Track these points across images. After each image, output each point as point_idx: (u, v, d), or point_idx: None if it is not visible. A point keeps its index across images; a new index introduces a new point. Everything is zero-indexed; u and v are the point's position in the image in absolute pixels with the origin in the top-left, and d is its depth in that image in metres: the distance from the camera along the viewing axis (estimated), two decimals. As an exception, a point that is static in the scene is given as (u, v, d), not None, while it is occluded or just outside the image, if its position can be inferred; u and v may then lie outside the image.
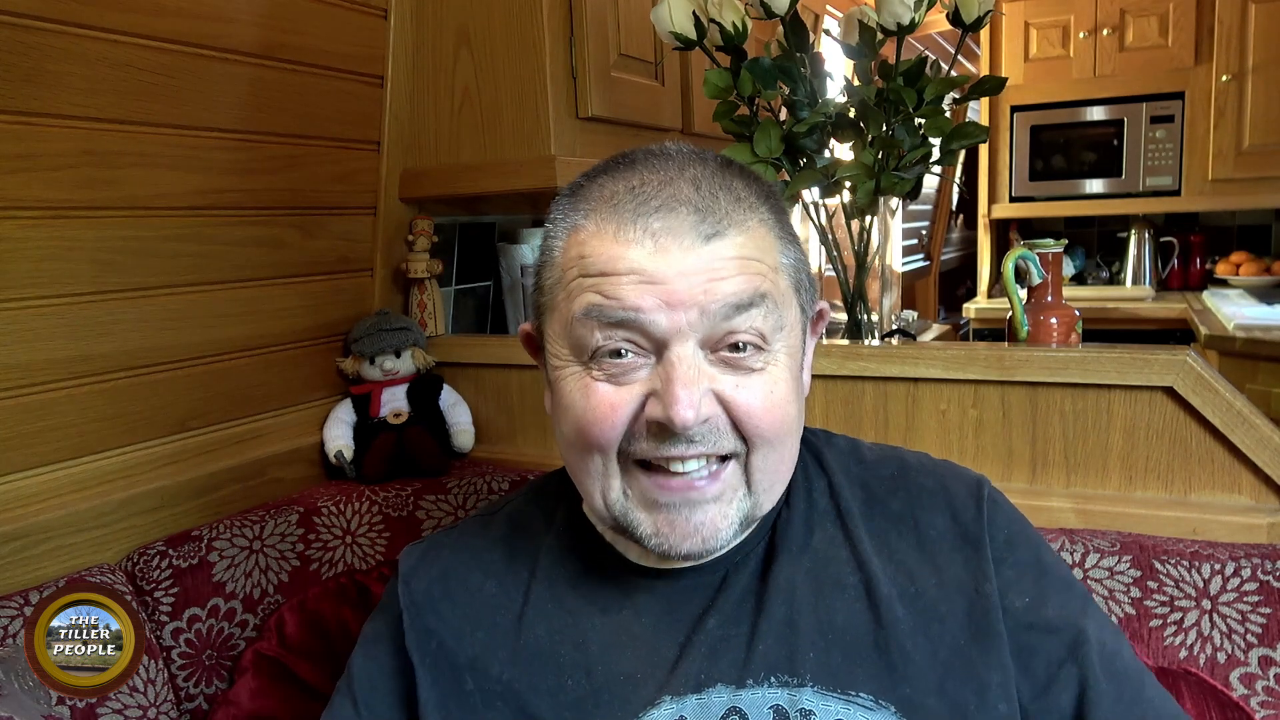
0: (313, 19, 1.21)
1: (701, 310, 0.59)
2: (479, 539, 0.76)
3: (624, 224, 0.60)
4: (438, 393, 1.37)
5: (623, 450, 0.63)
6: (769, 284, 0.62)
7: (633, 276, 0.59)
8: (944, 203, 3.98)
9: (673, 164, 0.63)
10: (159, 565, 1.02)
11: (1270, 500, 0.99)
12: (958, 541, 0.68)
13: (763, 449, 0.63)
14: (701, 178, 0.62)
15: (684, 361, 0.59)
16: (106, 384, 1.07)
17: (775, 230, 0.65)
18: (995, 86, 1.25)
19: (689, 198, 0.61)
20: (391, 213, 1.41)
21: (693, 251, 0.59)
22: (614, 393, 0.61)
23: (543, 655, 0.68)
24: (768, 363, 0.63)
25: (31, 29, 0.91)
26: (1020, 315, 1.24)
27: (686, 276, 0.59)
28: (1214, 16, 2.83)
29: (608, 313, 0.60)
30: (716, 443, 0.62)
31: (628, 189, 0.62)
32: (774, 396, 0.62)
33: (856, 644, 0.65)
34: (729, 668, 0.65)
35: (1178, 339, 2.79)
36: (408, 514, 1.23)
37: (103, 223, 1.03)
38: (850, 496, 0.71)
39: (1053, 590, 0.68)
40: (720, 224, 0.60)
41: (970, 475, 0.73)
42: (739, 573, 0.68)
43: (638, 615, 0.68)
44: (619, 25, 1.43)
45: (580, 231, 0.63)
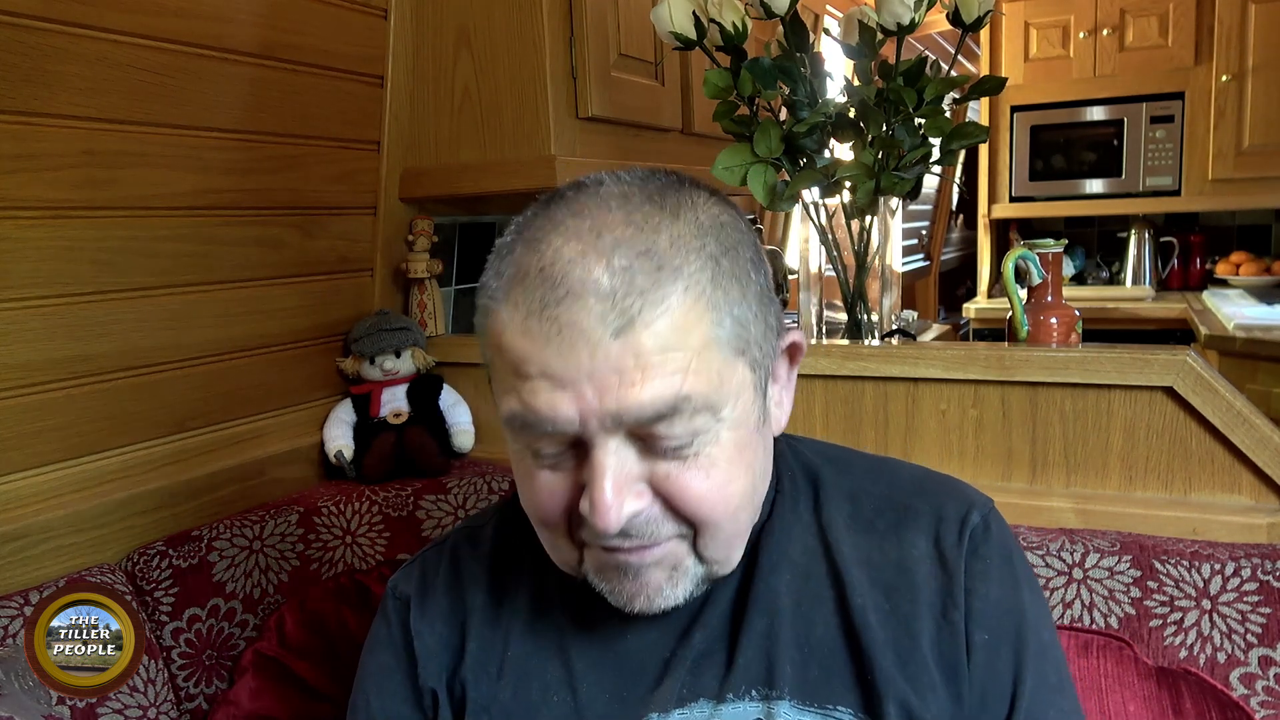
0: (313, 19, 1.21)
1: (616, 415, 0.55)
2: (469, 554, 0.75)
3: (531, 314, 0.56)
4: (438, 393, 1.37)
5: (571, 530, 0.62)
6: (693, 379, 0.56)
7: (542, 382, 0.55)
8: (944, 203, 3.98)
9: (590, 226, 0.57)
10: (159, 565, 1.02)
11: (1270, 500, 0.99)
12: (934, 565, 0.67)
13: (709, 530, 0.60)
14: (618, 244, 0.55)
15: (605, 464, 0.56)
16: (106, 384, 1.07)
17: (708, 294, 0.57)
18: (995, 86, 1.25)
19: (597, 281, 0.54)
20: (391, 213, 1.41)
21: (600, 348, 0.54)
22: (552, 480, 0.60)
23: (529, 672, 0.68)
24: (704, 444, 0.58)
25: (32, 29, 0.91)
26: (1020, 315, 1.24)
27: (596, 379, 0.54)
28: (1214, 16, 2.83)
29: (525, 422, 0.57)
30: (653, 533, 0.59)
31: (538, 267, 0.56)
32: (712, 480, 0.58)
33: (834, 657, 0.64)
34: (710, 682, 0.65)
35: (1178, 339, 2.79)
36: (408, 514, 1.23)
37: (103, 223, 1.03)
38: (835, 510, 0.70)
39: (1011, 643, 0.65)
40: (630, 311, 0.54)
41: (966, 499, 0.70)
42: (722, 587, 0.67)
43: (623, 632, 0.68)
44: (619, 25, 1.43)
45: (496, 318, 0.59)
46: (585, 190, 0.60)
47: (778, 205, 1.23)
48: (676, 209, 0.59)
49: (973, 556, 0.66)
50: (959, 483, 0.72)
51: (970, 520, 0.68)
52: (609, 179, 0.61)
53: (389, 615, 0.74)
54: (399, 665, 0.72)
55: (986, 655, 0.64)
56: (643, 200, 0.59)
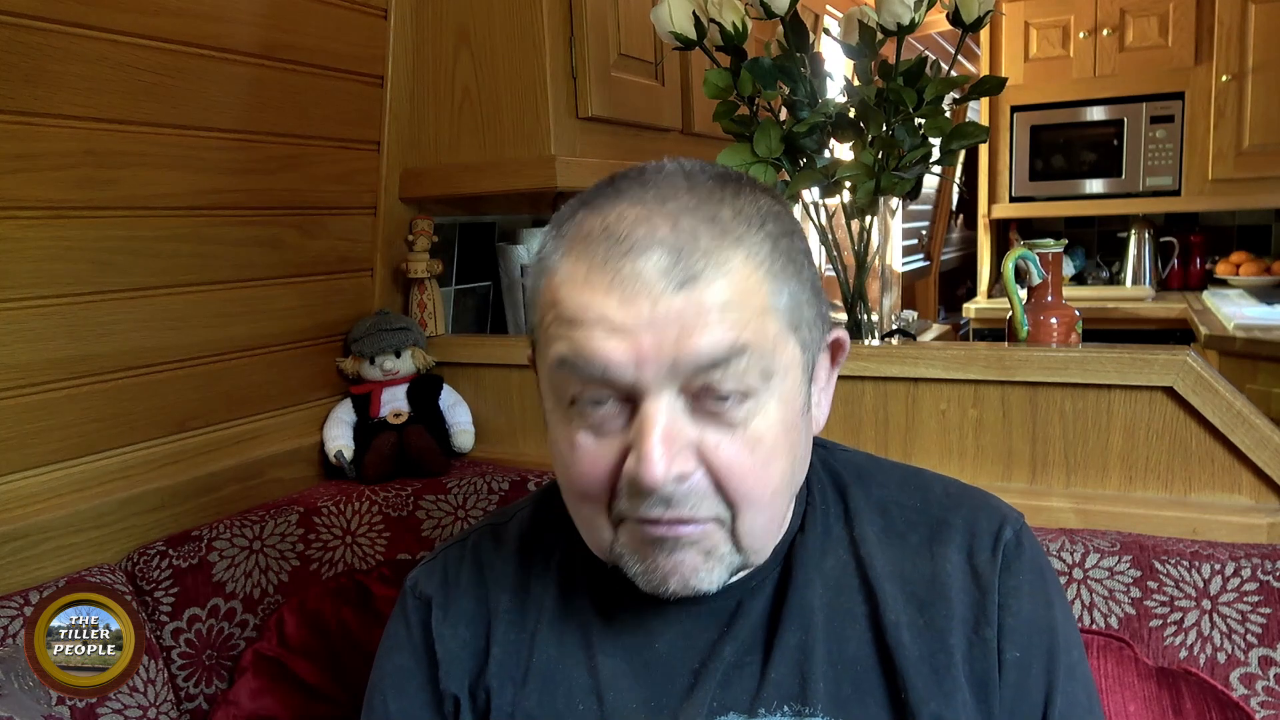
0: (313, 19, 1.21)
1: (674, 364, 0.55)
2: (493, 554, 0.74)
3: (594, 268, 0.57)
4: (438, 393, 1.37)
5: (610, 504, 0.61)
6: (751, 332, 0.57)
7: (602, 328, 0.56)
8: (944, 203, 3.98)
9: (656, 195, 0.59)
10: (159, 565, 1.02)
11: (1270, 500, 0.99)
12: (968, 582, 0.66)
13: (748, 512, 0.60)
14: (684, 210, 0.57)
15: (656, 417, 0.56)
16: (106, 384, 1.07)
17: (767, 264, 0.59)
18: (995, 86, 1.25)
19: (664, 238, 0.56)
20: (391, 213, 1.41)
21: (663, 300, 0.55)
22: (595, 446, 0.59)
23: (554, 677, 0.67)
24: (752, 413, 0.58)
25: (32, 29, 0.91)
26: (1020, 315, 1.24)
27: (657, 328, 0.55)
28: (1214, 16, 2.83)
29: (579, 368, 0.57)
30: (696, 506, 0.58)
31: (602, 226, 0.58)
32: (759, 454, 0.58)
33: (865, 674, 0.64)
34: (742, 695, 0.64)
35: (1178, 339, 2.79)
36: (408, 514, 1.23)
37: (103, 223, 1.03)
38: (867, 523, 0.69)
39: (1043, 662, 0.65)
40: (695, 267, 0.56)
41: (998, 513, 0.69)
42: (754, 598, 0.67)
43: (651, 641, 0.67)
44: (619, 25, 1.43)
45: (555, 275, 0.60)
46: (649, 168, 0.63)
47: (778, 205, 1.23)
48: (738, 190, 0.61)
49: (1006, 572, 0.66)
50: (990, 496, 0.71)
51: (1004, 536, 0.67)
52: (671, 162, 0.63)
53: (408, 615, 0.73)
54: (419, 668, 0.71)
55: (1018, 674, 0.64)
56: (706, 179, 0.61)
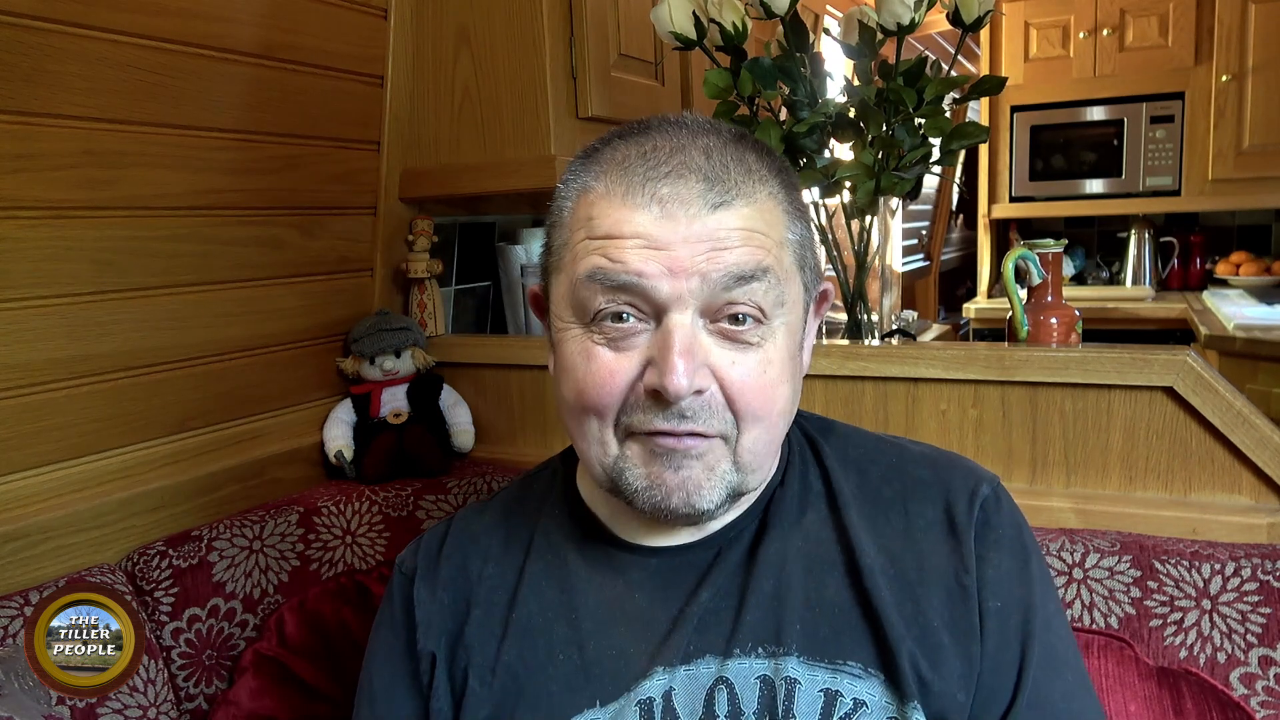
0: (313, 19, 1.21)
1: (703, 278, 0.60)
2: (474, 524, 0.77)
3: (632, 187, 0.61)
4: (438, 393, 1.37)
5: (619, 419, 0.63)
6: (772, 258, 0.62)
7: (637, 241, 0.60)
8: (944, 203, 3.98)
9: (686, 131, 0.64)
10: (159, 565, 1.02)
11: (1270, 500, 0.99)
12: (943, 533, 0.68)
13: (753, 428, 0.63)
14: (714, 147, 0.63)
15: (682, 329, 0.60)
16: (106, 384, 1.07)
17: (784, 205, 0.65)
18: (995, 86, 1.25)
19: (699, 165, 0.61)
20: (391, 213, 1.41)
21: (698, 219, 0.60)
22: (613, 359, 0.62)
23: (534, 631, 0.69)
24: (765, 338, 0.63)
25: (32, 29, 0.91)
26: (1020, 315, 1.24)
27: (690, 244, 0.60)
28: (1214, 16, 2.83)
29: (611, 276, 0.60)
30: (708, 420, 0.62)
31: (639, 153, 0.63)
32: (768, 375, 0.63)
33: (845, 616, 0.66)
34: (716, 639, 0.66)
35: (1178, 339, 2.79)
36: (408, 514, 1.23)
37: (103, 223, 1.03)
38: (843, 480, 0.72)
39: (1021, 613, 0.66)
40: (728, 194, 0.61)
41: (975, 474, 0.72)
42: (732, 548, 0.69)
43: (631, 591, 0.69)
44: (619, 25, 1.43)
45: (590, 193, 0.64)
46: (672, 116, 0.68)
47: (778, 205, 1.23)
48: (757, 145, 0.67)
49: (984, 526, 0.68)
50: (967, 460, 0.74)
51: (980, 492, 0.69)
52: (692, 113, 0.68)
53: (393, 592, 0.76)
54: (397, 640, 0.73)
55: (998, 623, 0.66)
56: (728, 130, 0.67)
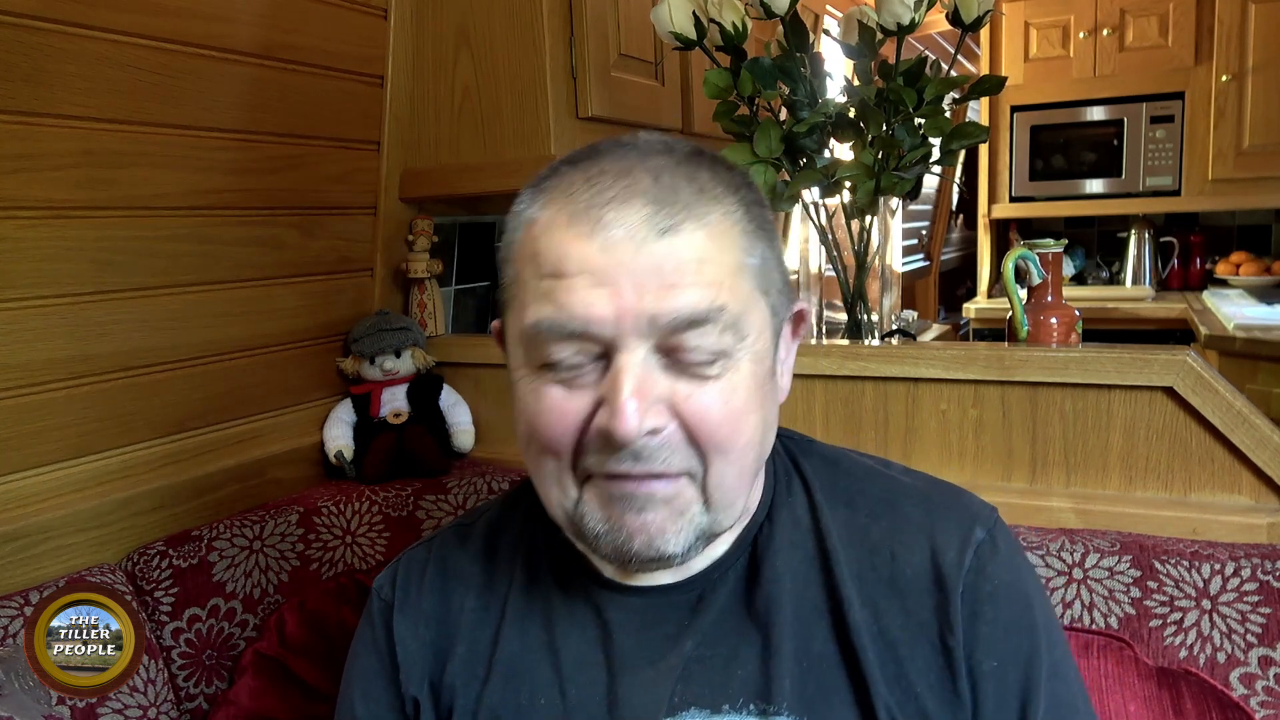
0: (313, 19, 1.21)
1: (652, 320, 0.56)
2: (458, 554, 0.74)
3: (576, 215, 0.57)
4: (438, 393, 1.37)
5: (576, 462, 0.60)
6: (727, 292, 0.57)
7: (583, 278, 0.56)
8: (944, 203, 3.98)
9: (636, 154, 0.60)
10: (159, 565, 1.02)
11: (1270, 500, 0.99)
12: (930, 585, 0.64)
13: (719, 463, 0.59)
14: (664, 168, 0.59)
15: (631, 369, 0.56)
16: (106, 384, 1.07)
17: (741, 224, 0.60)
18: (995, 86, 1.25)
19: (646, 189, 0.57)
20: (391, 213, 1.41)
21: (645, 247, 0.56)
22: (565, 398, 0.59)
23: (518, 673, 0.67)
24: (726, 369, 0.58)
25: (32, 29, 0.91)
26: (1020, 315, 1.24)
27: (637, 280, 0.55)
28: (1214, 16, 2.83)
29: (558, 326, 0.57)
30: (668, 459, 0.58)
31: (585, 180, 0.59)
32: (731, 405, 0.58)
33: (831, 672, 0.63)
34: (705, 691, 0.63)
35: (1178, 339, 2.79)
36: (408, 514, 1.23)
37: (103, 223, 1.03)
38: (830, 517, 0.68)
39: (1022, 666, 0.63)
40: (677, 217, 0.57)
41: (970, 512, 0.67)
42: (717, 591, 0.66)
43: (612, 634, 0.66)
44: (619, 25, 1.43)
45: (535, 225, 0.60)
46: (627, 136, 0.64)
47: (778, 205, 1.23)
48: (713, 161, 0.63)
49: (979, 576, 0.63)
50: (962, 493, 0.70)
51: (973, 538, 0.65)
52: (647, 133, 0.65)
53: (373, 618, 0.73)
54: (383, 670, 0.71)
55: (995, 684, 0.62)
56: (683, 148, 0.63)
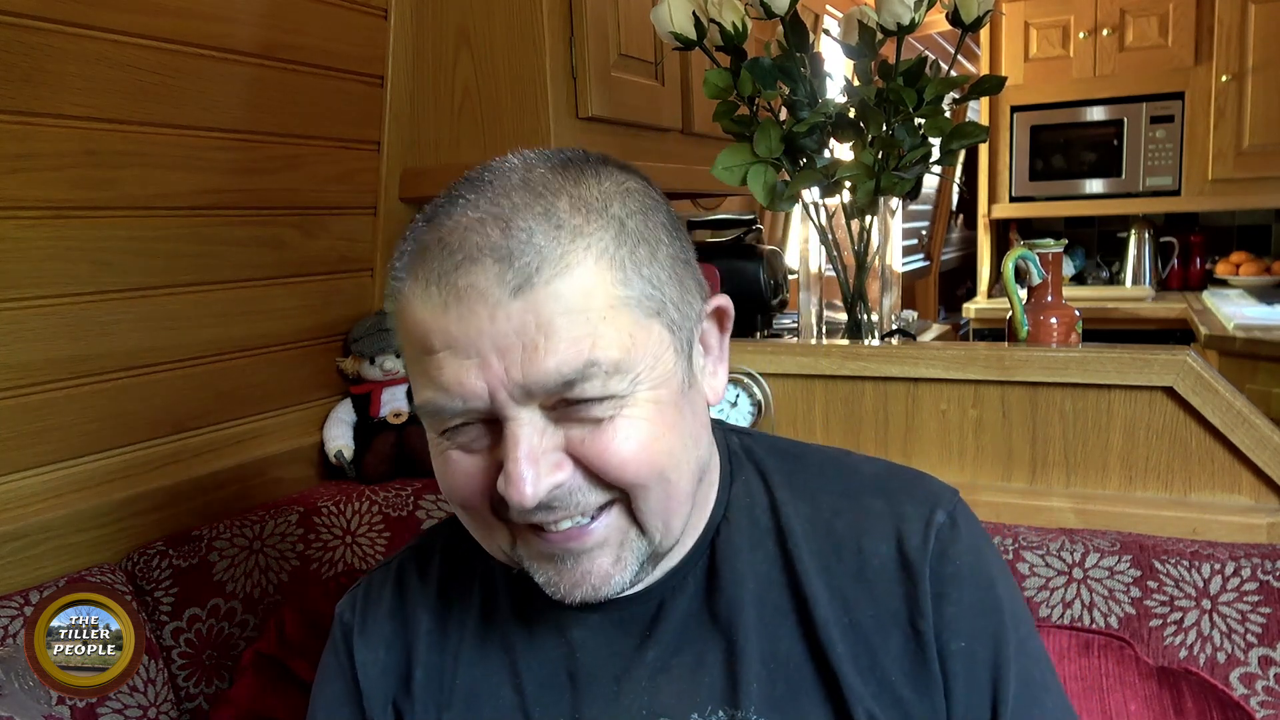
0: (313, 19, 1.21)
1: (524, 389, 0.54)
2: (415, 578, 0.73)
3: (429, 285, 0.55)
4: (438, 393, 1.37)
5: (498, 512, 0.59)
6: (601, 345, 0.54)
7: (447, 353, 0.55)
8: (944, 203, 3.98)
9: (489, 197, 0.56)
10: (159, 565, 1.02)
11: (1270, 500, 0.99)
12: (899, 572, 0.63)
13: (639, 494, 0.58)
14: (516, 209, 0.55)
15: (518, 434, 0.54)
16: (106, 384, 1.07)
17: (611, 252, 0.56)
18: (995, 86, 1.25)
19: (495, 244, 0.53)
20: (391, 213, 1.41)
21: (501, 310, 0.53)
22: (468, 462, 0.58)
23: (479, 697, 0.66)
24: (620, 406, 0.56)
25: (31, 29, 0.91)
26: (1020, 315, 1.24)
27: (501, 347, 0.53)
28: (1214, 16, 2.83)
29: (440, 411, 0.56)
30: (579, 503, 0.57)
31: (436, 239, 0.56)
32: (635, 439, 0.56)
33: (800, 672, 0.62)
34: (671, 700, 0.63)
35: (1178, 339, 2.79)
36: (408, 514, 1.23)
37: (103, 223, 1.03)
38: (793, 512, 0.66)
39: (990, 645, 0.63)
40: (527, 269, 0.53)
41: (930, 494, 0.66)
42: (676, 598, 0.65)
43: (573, 652, 0.66)
44: (619, 25, 1.43)
45: (400, 297, 0.58)
46: (489, 168, 0.60)
47: (778, 205, 1.23)
48: (579, 177, 0.58)
49: (940, 559, 0.63)
50: (921, 477, 0.69)
51: (935, 521, 0.64)
52: (515, 156, 0.61)
53: (336, 643, 0.73)
54: (348, 696, 0.71)
55: (964, 664, 0.62)
56: (545, 171, 0.58)
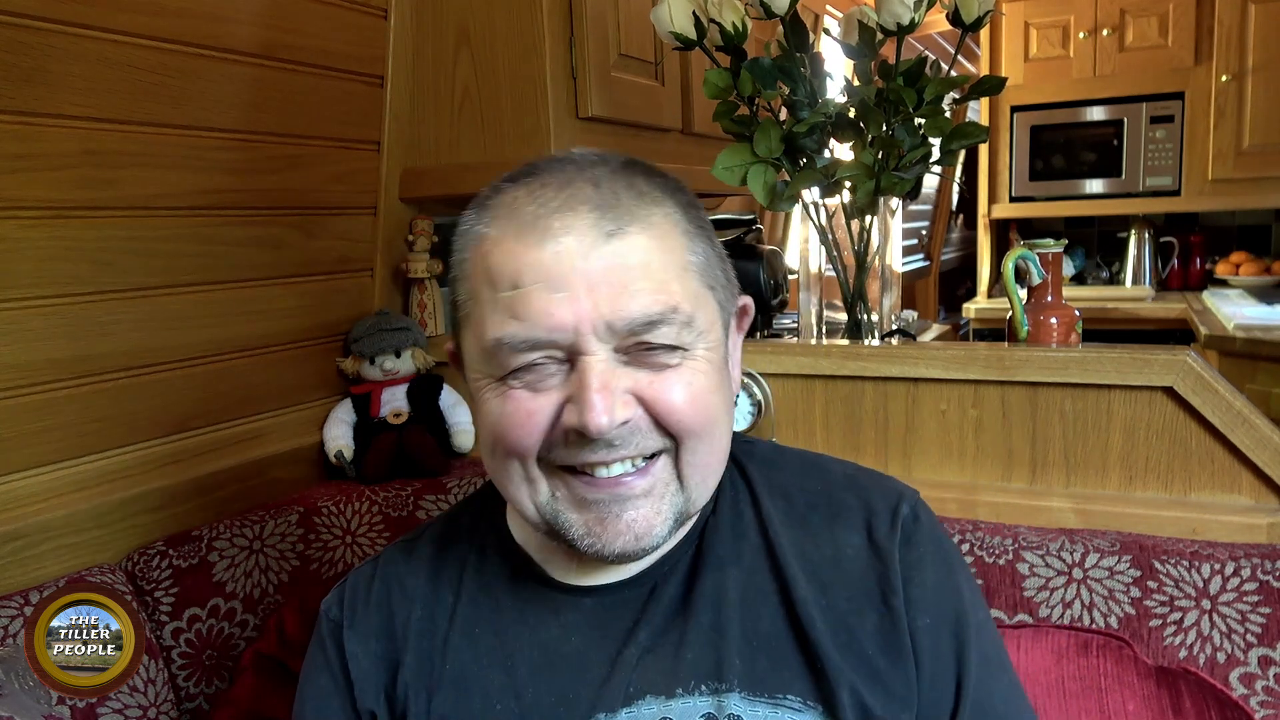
0: (313, 19, 1.21)
1: (609, 325, 0.59)
2: (402, 565, 0.74)
3: (524, 227, 0.60)
4: (438, 392, 1.37)
5: (543, 458, 0.62)
6: (678, 294, 0.61)
7: (538, 286, 0.58)
8: (944, 203, 3.98)
9: (573, 166, 0.63)
10: (159, 565, 1.02)
11: (1270, 500, 0.99)
12: (870, 559, 0.68)
13: (690, 442, 0.62)
14: (602, 176, 0.62)
15: (596, 367, 0.59)
16: (106, 384, 1.07)
17: (682, 225, 0.64)
18: (995, 86, 1.25)
19: (589, 196, 0.60)
20: (391, 213, 1.41)
21: (595, 251, 0.58)
22: (530, 399, 0.61)
23: (469, 680, 0.68)
24: (684, 359, 0.62)
25: (32, 29, 0.91)
26: (1020, 315, 1.24)
27: (591, 284, 0.58)
28: (1214, 16, 2.83)
29: (519, 339, 0.59)
30: (639, 444, 0.61)
31: (528, 194, 0.61)
32: (694, 388, 0.62)
33: (781, 649, 0.65)
34: (658, 677, 0.65)
35: (1178, 339, 2.79)
36: (408, 514, 1.23)
37: (103, 223, 1.03)
38: (771, 506, 0.71)
39: (951, 625, 0.67)
40: (621, 219, 0.60)
41: (895, 491, 0.72)
42: (667, 583, 0.68)
43: (566, 634, 0.68)
44: (619, 25, 1.43)
45: (484, 241, 0.62)
46: (561, 152, 0.67)
47: (778, 205, 1.23)
48: (648, 169, 0.66)
49: (906, 545, 0.69)
50: (885, 477, 0.75)
51: (900, 511, 0.70)
52: (580, 148, 0.68)
53: (323, 639, 0.73)
54: (337, 690, 0.71)
55: (930, 639, 0.66)
56: (616, 159, 0.66)
